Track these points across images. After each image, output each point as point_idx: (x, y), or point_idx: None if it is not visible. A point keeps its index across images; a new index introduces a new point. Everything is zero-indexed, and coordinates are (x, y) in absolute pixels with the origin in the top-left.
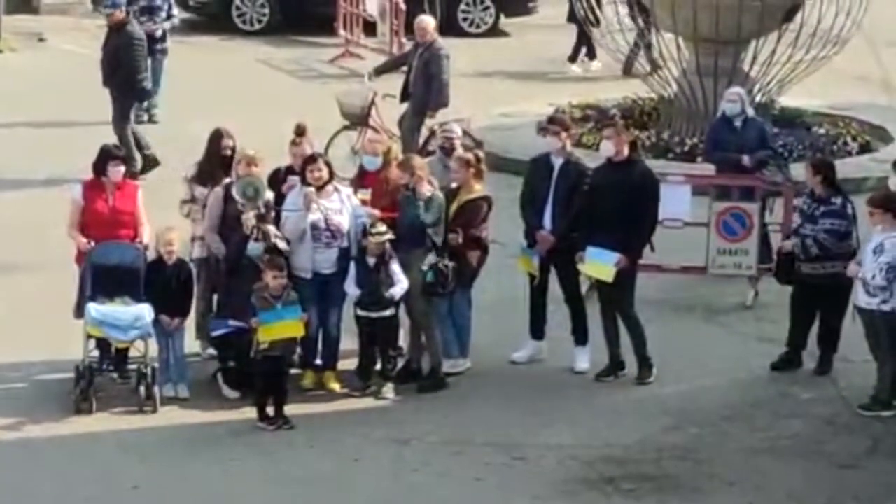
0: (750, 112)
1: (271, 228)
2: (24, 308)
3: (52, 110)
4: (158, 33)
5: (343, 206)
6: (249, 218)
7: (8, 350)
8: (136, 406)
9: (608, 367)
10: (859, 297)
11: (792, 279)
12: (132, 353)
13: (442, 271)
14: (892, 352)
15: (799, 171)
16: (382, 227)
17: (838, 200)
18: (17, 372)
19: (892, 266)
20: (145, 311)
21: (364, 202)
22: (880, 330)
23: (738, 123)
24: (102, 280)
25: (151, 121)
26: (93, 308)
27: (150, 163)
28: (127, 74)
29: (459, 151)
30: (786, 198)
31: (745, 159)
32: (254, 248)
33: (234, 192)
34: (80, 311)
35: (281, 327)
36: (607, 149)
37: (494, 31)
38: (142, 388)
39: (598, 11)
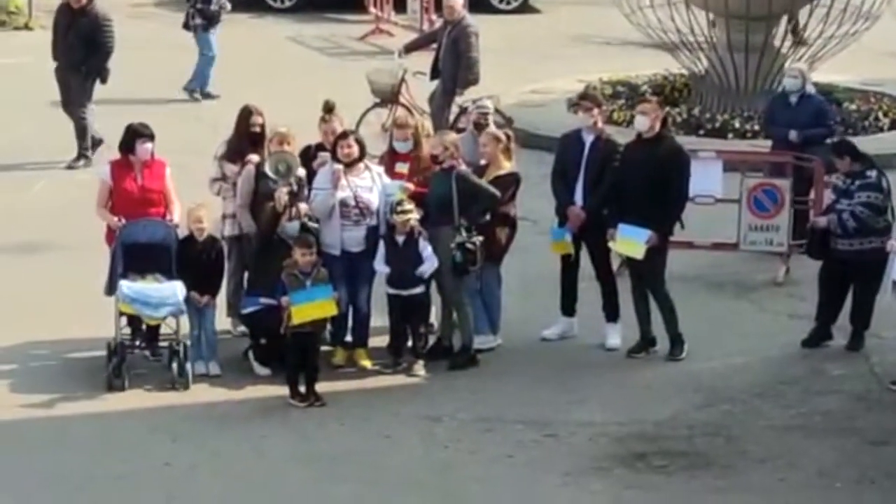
0: (810, 89)
1: (303, 206)
2: (56, 287)
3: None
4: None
5: (373, 184)
6: (282, 195)
7: (41, 328)
8: (168, 383)
9: (639, 344)
10: (893, 271)
11: (824, 255)
12: (163, 330)
13: (470, 250)
14: None
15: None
16: (409, 206)
17: (873, 174)
18: (49, 350)
19: None
20: (177, 287)
21: (401, 175)
22: None
23: (793, 99)
24: (133, 258)
25: (209, 97)
26: (125, 285)
27: (95, 143)
28: (104, 56)
29: (492, 128)
30: (816, 174)
31: (792, 134)
32: (291, 227)
33: (266, 169)
34: (111, 289)
35: (313, 308)
36: (642, 123)
37: (525, 8)
38: (174, 365)
39: None
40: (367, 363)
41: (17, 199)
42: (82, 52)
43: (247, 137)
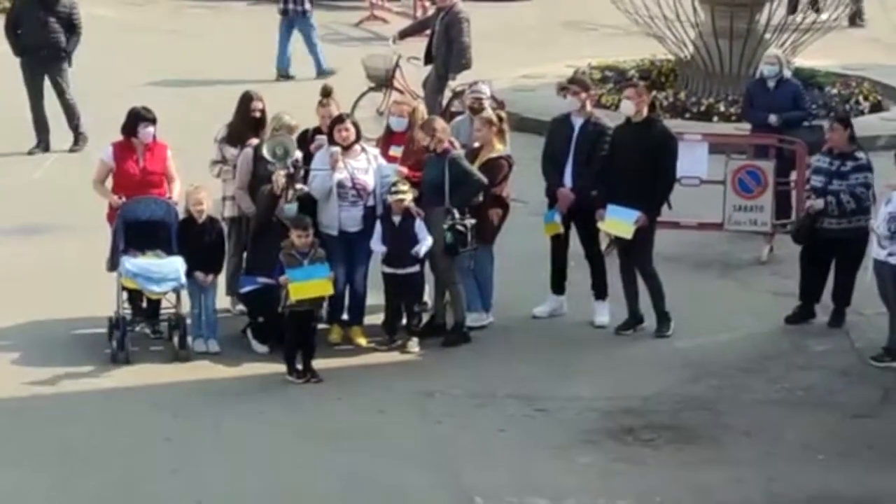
0: (787, 74)
1: (301, 187)
2: (60, 265)
3: (91, 74)
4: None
5: (369, 166)
6: (280, 177)
7: (45, 305)
8: (170, 357)
9: (627, 321)
10: (874, 250)
11: (811, 238)
12: (164, 306)
13: (461, 231)
14: None
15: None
16: (404, 187)
17: (862, 155)
18: (53, 326)
19: (893, 217)
20: (178, 263)
21: (394, 158)
22: (887, 282)
23: (771, 84)
24: (134, 234)
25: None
26: (127, 261)
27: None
28: (78, 37)
29: (487, 111)
30: (798, 156)
31: (772, 118)
32: (289, 208)
33: (264, 152)
34: (112, 265)
35: (310, 287)
36: (627, 108)
37: None
38: (175, 341)
39: None
40: (362, 340)
41: (23, 181)
42: (64, 36)
43: (247, 122)
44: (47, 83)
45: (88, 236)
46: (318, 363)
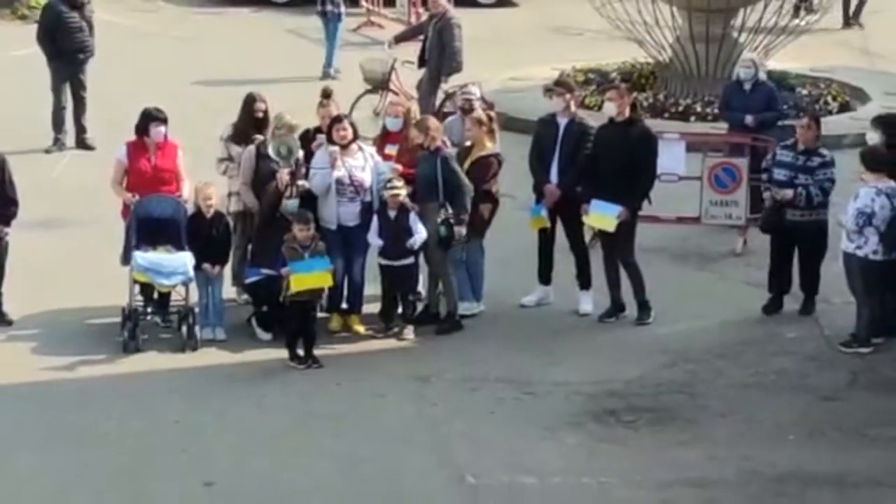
0: (762, 77)
1: (301, 183)
2: (75, 258)
3: (104, 78)
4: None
5: (366, 164)
6: (284, 175)
7: (61, 296)
8: (178, 346)
9: (610, 310)
10: (843, 243)
11: (777, 228)
12: (173, 298)
13: (453, 226)
14: (867, 294)
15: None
16: (398, 183)
17: (826, 151)
18: (69, 316)
19: (861, 212)
20: (187, 258)
21: (390, 157)
22: (855, 273)
23: (747, 87)
24: (146, 230)
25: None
26: (139, 256)
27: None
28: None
29: (478, 112)
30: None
31: (748, 119)
32: (291, 204)
33: (270, 152)
34: (126, 259)
35: (311, 278)
36: (610, 109)
37: (503, 2)
38: (184, 330)
39: None
40: (360, 328)
41: (41, 178)
42: (90, 39)
43: (251, 121)
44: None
45: (103, 231)
46: (318, 350)
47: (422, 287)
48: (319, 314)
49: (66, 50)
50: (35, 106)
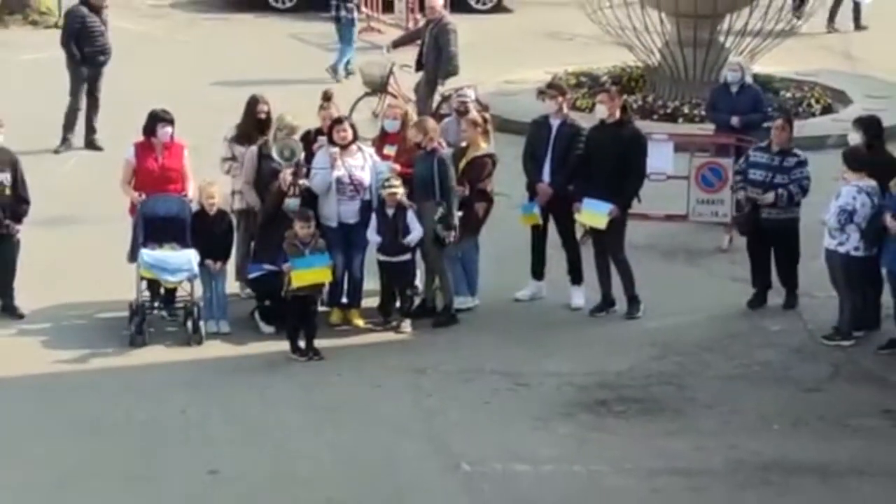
0: (748, 80)
1: (303, 182)
2: (84, 255)
3: (115, 81)
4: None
5: (365, 164)
6: (286, 174)
7: (71, 291)
8: (184, 340)
9: (601, 304)
10: (825, 240)
11: (753, 228)
12: (179, 293)
13: (453, 226)
14: (848, 289)
15: None
16: (396, 182)
17: (800, 152)
18: (77, 311)
19: (842, 210)
20: (191, 255)
21: (388, 157)
22: (837, 269)
23: (734, 89)
24: (153, 229)
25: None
26: (145, 253)
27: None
28: None
29: (473, 113)
30: None
31: (734, 120)
32: (293, 202)
33: (273, 154)
34: (133, 257)
35: (311, 274)
36: (601, 111)
37: (498, 8)
38: (189, 323)
39: None
40: (360, 322)
41: (50, 177)
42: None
43: (254, 122)
44: None
45: (111, 229)
46: (319, 342)
47: (419, 282)
48: (320, 308)
49: (88, 53)
50: (44, 108)
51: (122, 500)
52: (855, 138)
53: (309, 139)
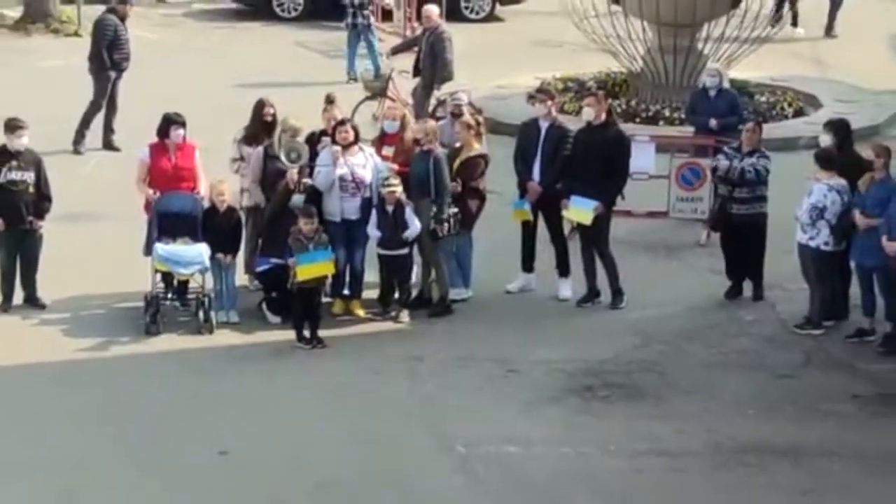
0: (725, 85)
1: (307, 181)
2: (102, 249)
3: (131, 86)
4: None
5: (366, 163)
6: (293, 174)
7: (90, 283)
8: (195, 329)
9: (586, 296)
10: (797, 234)
11: (722, 224)
12: (191, 285)
13: (446, 220)
14: (819, 281)
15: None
16: (395, 181)
17: (767, 153)
18: (96, 301)
19: (814, 207)
20: (203, 249)
21: (387, 157)
22: (808, 262)
23: (712, 94)
24: (166, 224)
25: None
26: (159, 247)
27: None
28: None
29: (466, 116)
30: None
31: (712, 123)
32: (297, 199)
33: (281, 156)
34: (148, 250)
35: (315, 267)
36: (588, 114)
37: (491, 18)
38: (201, 314)
39: None
40: (360, 312)
41: (72, 177)
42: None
43: (261, 124)
44: None
45: (127, 225)
46: (322, 331)
47: (416, 275)
48: (324, 299)
49: (116, 59)
50: (65, 111)
51: (138, 477)
52: (826, 140)
53: (313, 140)
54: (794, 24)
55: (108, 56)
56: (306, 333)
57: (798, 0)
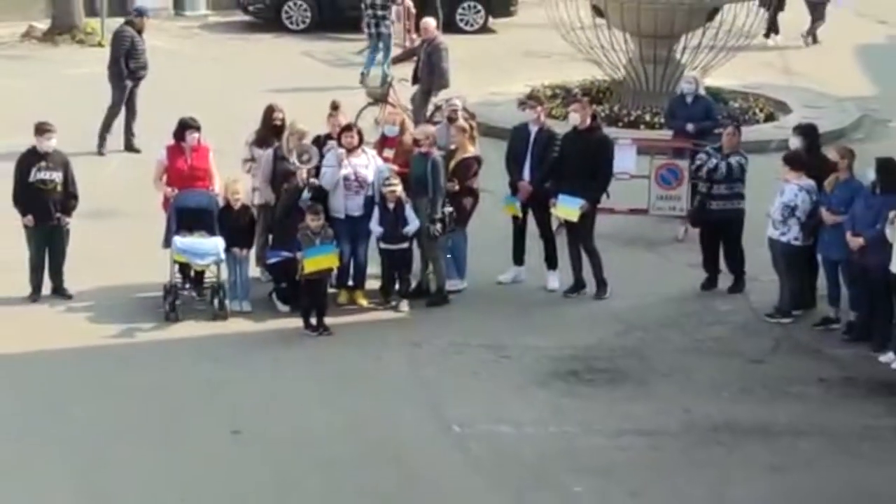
0: (702, 91)
1: (314, 181)
2: (124, 243)
3: (149, 93)
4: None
5: (369, 163)
6: (303, 174)
7: (113, 275)
8: (211, 316)
9: (573, 287)
10: (768, 230)
11: (701, 219)
12: (207, 276)
13: (440, 218)
14: (788, 273)
15: None
16: (395, 181)
17: (745, 154)
18: (118, 291)
19: (786, 205)
20: (218, 242)
21: (387, 159)
22: (778, 256)
23: (689, 100)
24: (184, 219)
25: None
26: (178, 240)
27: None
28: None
29: (461, 121)
30: None
31: (689, 127)
32: (305, 197)
33: (293, 158)
34: (167, 243)
35: (320, 260)
36: (574, 119)
37: (484, 30)
38: (216, 303)
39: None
40: (363, 302)
41: (96, 176)
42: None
43: (270, 128)
44: None
45: (147, 220)
46: (328, 320)
47: (415, 267)
48: (329, 290)
49: (133, 68)
50: (90, 116)
51: (156, 454)
52: (795, 143)
53: (318, 143)
54: (774, 32)
55: (125, 65)
56: (313, 321)
57: (780, 10)
